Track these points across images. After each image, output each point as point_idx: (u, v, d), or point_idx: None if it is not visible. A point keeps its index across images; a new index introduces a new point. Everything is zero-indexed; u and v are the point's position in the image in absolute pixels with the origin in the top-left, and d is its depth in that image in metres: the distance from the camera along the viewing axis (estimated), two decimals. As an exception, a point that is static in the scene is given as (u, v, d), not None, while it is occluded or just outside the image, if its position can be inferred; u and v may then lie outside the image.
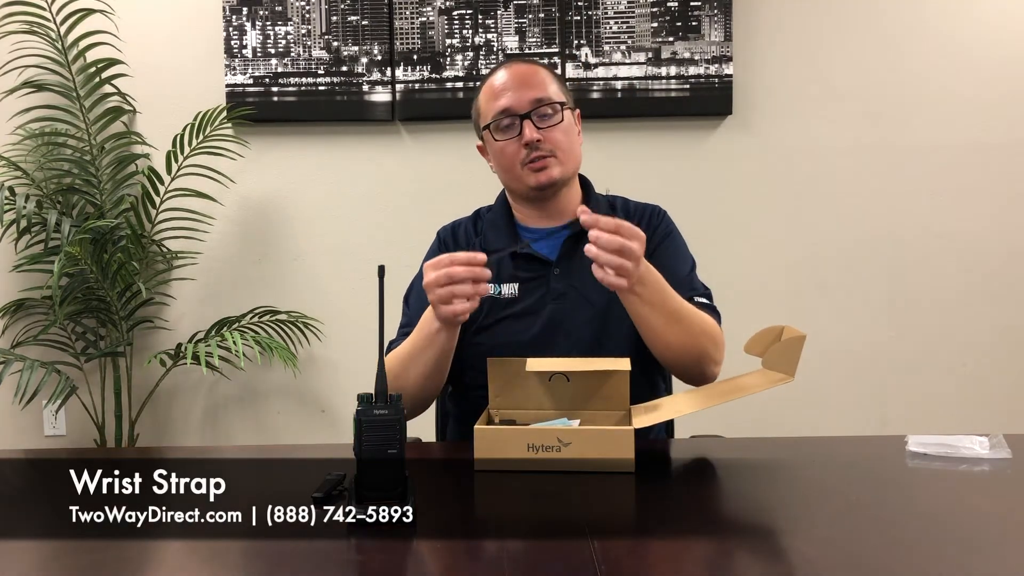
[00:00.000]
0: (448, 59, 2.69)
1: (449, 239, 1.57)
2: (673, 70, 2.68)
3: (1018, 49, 2.71)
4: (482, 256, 1.24)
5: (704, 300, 1.47)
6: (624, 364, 1.26)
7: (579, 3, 2.67)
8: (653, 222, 1.55)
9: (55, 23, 2.56)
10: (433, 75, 2.69)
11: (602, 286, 1.45)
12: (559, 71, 2.63)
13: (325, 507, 1.03)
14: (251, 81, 2.71)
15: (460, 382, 1.49)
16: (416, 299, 1.52)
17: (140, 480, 1.24)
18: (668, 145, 2.73)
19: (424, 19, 2.69)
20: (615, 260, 1.22)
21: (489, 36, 2.69)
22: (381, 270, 1.06)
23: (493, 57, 2.69)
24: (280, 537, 0.95)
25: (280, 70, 2.71)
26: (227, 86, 2.71)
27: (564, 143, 1.46)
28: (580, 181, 1.58)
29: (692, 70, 2.67)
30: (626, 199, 1.60)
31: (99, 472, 1.29)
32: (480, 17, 2.69)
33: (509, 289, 1.47)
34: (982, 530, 0.95)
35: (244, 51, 2.71)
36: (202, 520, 1.05)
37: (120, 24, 2.69)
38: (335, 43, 2.70)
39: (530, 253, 1.49)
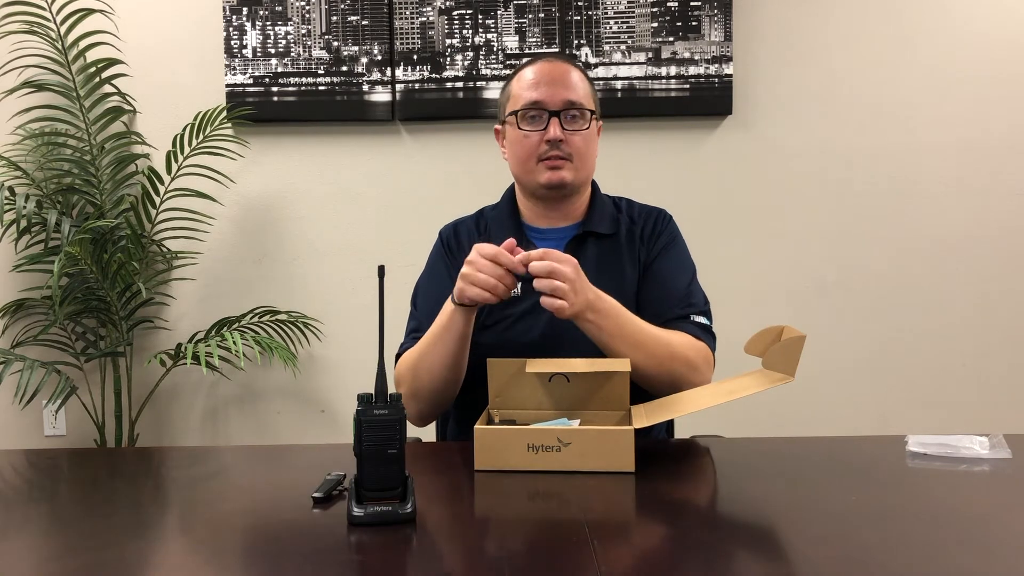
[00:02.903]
0: (448, 59, 2.69)
1: (451, 239, 1.57)
2: (673, 70, 2.68)
3: (1018, 50, 2.71)
4: (507, 257, 1.27)
5: (701, 319, 1.47)
6: (624, 364, 1.27)
7: (579, 3, 2.67)
8: (658, 227, 1.55)
9: (55, 23, 2.56)
10: (433, 75, 2.69)
11: (603, 288, 1.46)
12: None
13: (325, 507, 1.03)
14: (251, 81, 2.71)
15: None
16: (424, 300, 1.53)
17: (140, 480, 1.25)
18: (668, 145, 2.73)
19: (424, 19, 2.69)
20: (546, 283, 1.25)
21: (489, 36, 2.69)
22: (381, 270, 1.07)
23: (493, 57, 2.69)
24: (280, 537, 0.95)
25: (280, 70, 2.71)
26: (227, 86, 2.72)
27: (583, 149, 1.47)
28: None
29: (692, 70, 2.68)
30: (631, 201, 1.60)
31: (99, 472, 1.29)
32: (480, 17, 2.69)
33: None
34: (982, 530, 0.95)
35: (244, 51, 2.71)
36: (202, 520, 1.05)
37: (120, 24, 2.69)
38: (335, 43, 2.70)
39: None
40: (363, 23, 2.70)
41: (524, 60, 1.56)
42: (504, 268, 1.27)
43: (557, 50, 2.68)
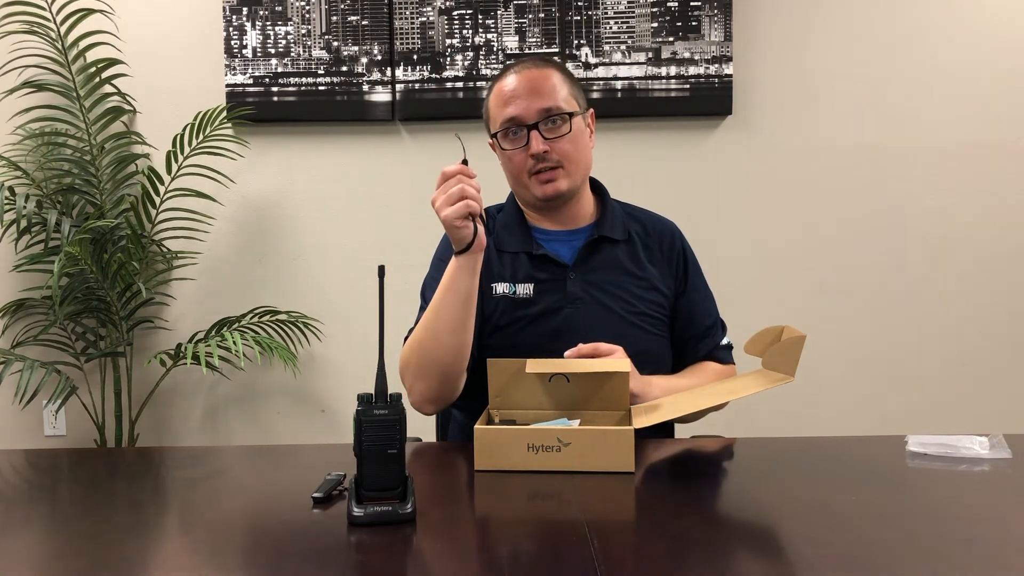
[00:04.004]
0: (448, 59, 2.69)
1: None
2: (673, 70, 2.68)
3: (1018, 49, 2.71)
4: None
5: (726, 340, 1.57)
6: (624, 365, 1.26)
7: (579, 3, 2.67)
8: (676, 246, 1.56)
9: (55, 23, 2.56)
10: (433, 75, 2.69)
11: (618, 293, 1.47)
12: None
13: (325, 507, 1.03)
14: (251, 81, 2.71)
15: (467, 381, 1.49)
16: (433, 292, 1.52)
17: (140, 480, 1.25)
18: (668, 145, 2.73)
19: (424, 19, 2.69)
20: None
21: (489, 36, 2.69)
22: (381, 270, 1.07)
23: (493, 57, 2.69)
24: (280, 537, 0.95)
25: (280, 70, 2.71)
26: (227, 86, 2.72)
27: (572, 153, 1.45)
28: (595, 185, 1.58)
29: (692, 70, 2.68)
30: (635, 208, 1.60)
31: (99, 472, 1.29)
32: (480, 17, 2.69)
33: (524, 289, 1.47)
34: (982, 530, 0.95)
35: (244, 51, 2.71)
36: (202, 520, 1.05)
37: (120, 24, 2.69)
38: (335, 43, 2.70)
39: (546, 254, 1.48)
40: (363, 23, 2.70)
41: (501, 69, 1.55)
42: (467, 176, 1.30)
43: (534, 52, 2.67)
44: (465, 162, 1.30)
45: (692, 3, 2.66)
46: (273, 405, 2.83)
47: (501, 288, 1.47)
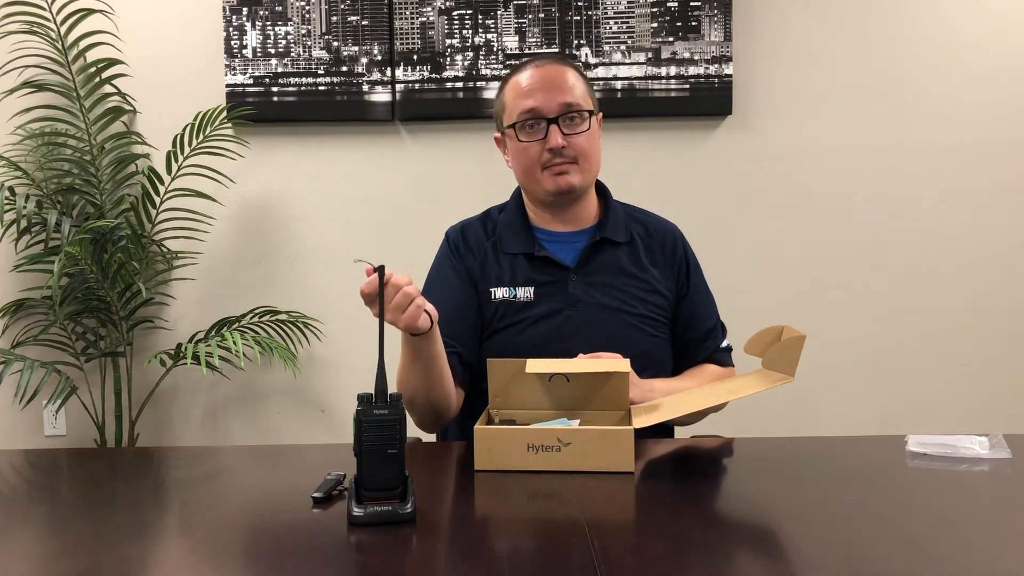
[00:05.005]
0: (448, 59, 2.69)
1: (459, 240, 1.55)
2: (673, 70, 2.68)
3: (1018, 49, 2.71)
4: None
5: (726, 343, 1.57)
6: (624, 365, 1.27)
7: (579, 3, 2.67)
8: (679, 248, 1.56)
9: (55, 23, 2.56)
10: (433, 75, 2.69)
11: (619, 295, 1.47)
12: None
13: (325, 507, 1.03)
14: (251, 81, 2.71)
15: (468, 383, 1.49)
16: (432, 296, 1.52)
17: (140, 480, 1.25)
18: (668, 145, 2.73)
19: (424, 19, 2.69)
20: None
21: (489, 36, 2.69)
22: (381, 270, 1.07)
23: (493, 57, 2.69)
24: (280, 537, 0.95)
25: (280, 70, 2.71)
26: (227, 86, 2.71)
27: (587, 151, 1.46)
28: (598, 187, 1.58)
29: (692, 70, 2.67)
30: (637, 210, 1.60)
31: (99, 472, 1.29)
32: (480, 17, 2.69)
33: (524, 292, 1.47)
34: (982, 530, 0.95)
35: (244, 51, 2.71)
36: (202, 520, 1.05)
37: (120, 24, 2.69)
38: (335, 43, 2.70)
39: (547, 256, 1.48)
40: (363, 23, 2.70)
41: (516, 64, 1.56)
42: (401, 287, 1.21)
43: (549, 50, 2.67)
44: (380, 268, 1.17)
45: (692, 3, 2.66)
46: (273, 405, 2.83)
47: (500, 292, 1.47)
